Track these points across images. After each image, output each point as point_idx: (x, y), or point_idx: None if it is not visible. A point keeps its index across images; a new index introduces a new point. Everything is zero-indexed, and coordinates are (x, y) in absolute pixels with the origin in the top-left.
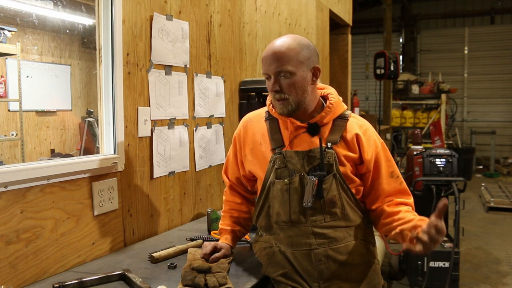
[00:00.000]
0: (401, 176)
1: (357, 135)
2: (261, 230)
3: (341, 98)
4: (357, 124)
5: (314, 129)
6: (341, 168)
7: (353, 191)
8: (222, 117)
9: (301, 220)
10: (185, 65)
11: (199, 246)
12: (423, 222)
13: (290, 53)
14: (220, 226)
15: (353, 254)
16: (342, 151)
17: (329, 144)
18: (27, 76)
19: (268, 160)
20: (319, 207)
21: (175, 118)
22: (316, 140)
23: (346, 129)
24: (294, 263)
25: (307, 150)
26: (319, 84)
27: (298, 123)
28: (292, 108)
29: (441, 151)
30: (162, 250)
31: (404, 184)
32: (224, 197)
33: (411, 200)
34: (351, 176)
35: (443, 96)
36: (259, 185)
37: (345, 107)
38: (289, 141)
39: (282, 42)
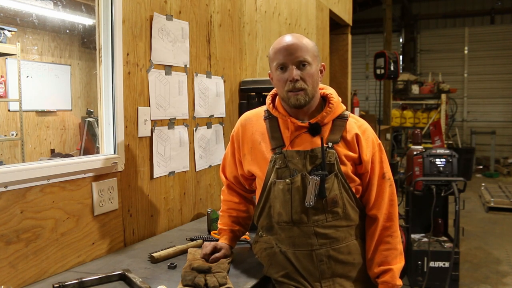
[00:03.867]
0: (392, 179)
1: (356, 135)
2: (262, 230)
3: (340, 99)
4: (356, 124)
5: (315, 129)
6: (342, 168)
7: (353, 190)
8: (222, 117)
9: (303, 220)
10: (185, 65)
11: (199, 246)
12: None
13: (308, 46)
14: (219, 226)
15: (353, 254)
16: (342, 150)
17: (330, 144)
18: (27, 76)
19: (268, 160)
20: (321, 206)
21: (175, 118)
22: (317, 140)
23: (346, 129)
24: (296, 263)
25: (309, 150)
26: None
27: (299, 123)
28: (308, 99)
29: (441, 151)
30: (162, 250)
31: (393, 188)
32: (222, 197)
33: (396, 221)
34: (352, 176)
35: (443, 96)
36: (258, 185)
37: (344, 107)
38: (289, 141)
39: (296, 36)
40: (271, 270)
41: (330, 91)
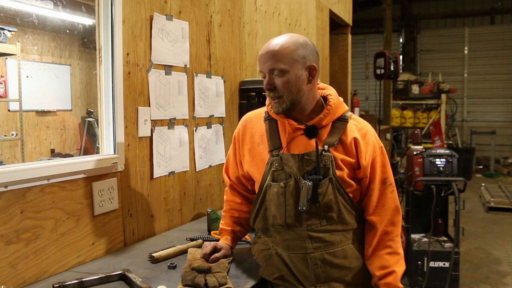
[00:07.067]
0: (393, 184)
1: (355, 139)
2: (259, 232)
3: (341, 99)
4: (356, 127)
5: (311, 132)
6: (338, 172)
7: (351, 195)
8: (222, 117)
9: (296, 224)
10: (185, 65)
11: (199, 246)
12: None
13: (284, 51)
14: (220, 226)
15: (350, 258)
16: (339, 155)
17: (326, 147)
18: (27, 76)
19: (265, 162)
20: (315, 211)
21: (175, 118)
22: (313, 142)
23: (345, 132)
24: (291, 266)
25: (303, 153)
26: (320, 84)
27: (296, 125)
28: (286, 107)
29: (441, 151)
30: (162, 250)
31: (395, 194)
32: (224, 197)
33: (398, 227)
34: (348, 180)
35: (443, 96)
36: (256, 187)
37: (346, 108)
38: (286, 143)
39: (277, 40)
40: (266, 272)
41: (330, 91)
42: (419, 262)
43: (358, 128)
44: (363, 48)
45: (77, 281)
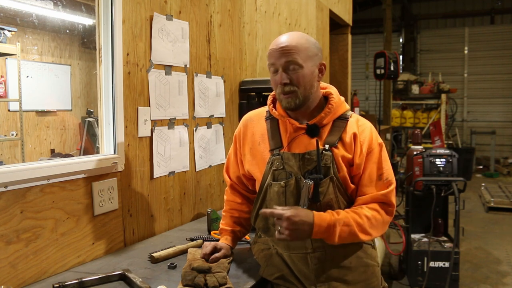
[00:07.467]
0: (390, 180)
1: (354, 134)
2: (260, 231)
3: (342, 98)
4: (356, 125)
5: (313, 131)
6: (339, 171)
7: (351, 194)
8: (222, 117)
9: None
10: (185, 65)
11: (199, 246)
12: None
13: (299, 47)
14: (220, 226)
15: (350, 257)
16: (340, 152)
17: (326, 146)
18: (27, 76)
19: (266, 161)
20: (316, 210)
21: (175, 118)
22: (314, 142)
23: (345, 130)
24: (291, 265)
25: (304, 152)
26: (321, 83)
27: (297, 124)
28: (299, 102)
29: (441, 151)
30: (162, 250)
31: (392, 187)
32: (225, 197)
33: (382, 214)
34: (349, 179)
35: (443, 96)
36: (257, 186)
37: (347, 107)
38: (287, 143)
39: (291, 36)
40: (266, 271)
41: (331, 90)
42: (419, 262)
43: (358, 125)
44: (363, 48)
45: (77, 281)
